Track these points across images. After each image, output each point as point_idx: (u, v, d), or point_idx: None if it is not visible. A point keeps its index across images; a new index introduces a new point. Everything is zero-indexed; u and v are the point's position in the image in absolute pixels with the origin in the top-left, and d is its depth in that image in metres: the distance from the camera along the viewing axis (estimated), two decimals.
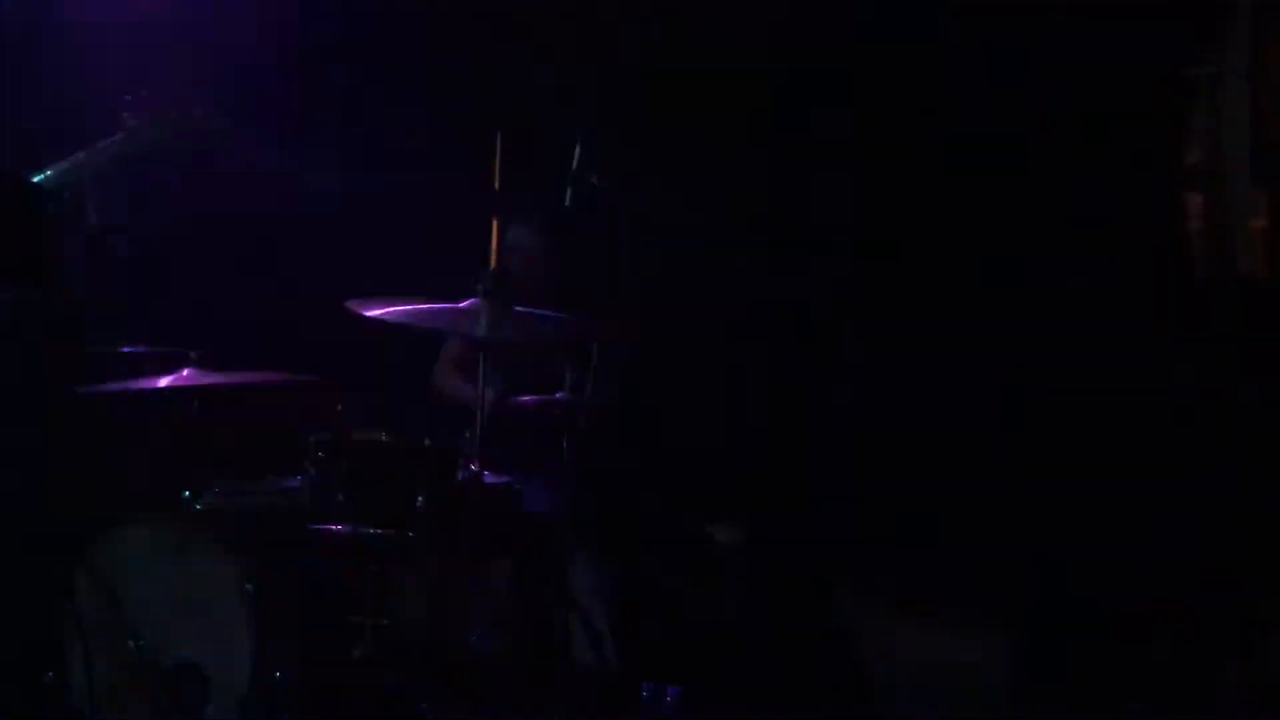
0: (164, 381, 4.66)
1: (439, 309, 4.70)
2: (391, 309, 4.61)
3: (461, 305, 4.73)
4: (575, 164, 4.58)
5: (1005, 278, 5.14)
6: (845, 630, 5.18)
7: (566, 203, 4.60)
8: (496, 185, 4.68)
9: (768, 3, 5.46)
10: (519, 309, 4.73)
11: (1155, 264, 4.97)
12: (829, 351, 5.41)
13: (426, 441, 4.66)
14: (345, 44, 5.75)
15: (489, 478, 4.66)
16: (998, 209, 5.16)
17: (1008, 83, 5.14)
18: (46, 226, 3.69)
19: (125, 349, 4.92)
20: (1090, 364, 4.97)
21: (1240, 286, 4.95)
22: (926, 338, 5.27)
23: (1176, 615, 4.74)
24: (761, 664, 5.13)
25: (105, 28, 5.41)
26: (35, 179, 4.48)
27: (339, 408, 4.68)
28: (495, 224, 4.74)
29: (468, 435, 4.66)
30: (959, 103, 5.24)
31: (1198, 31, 5.00)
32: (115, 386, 4.72)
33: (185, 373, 4.69)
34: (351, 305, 4.60)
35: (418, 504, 4.55)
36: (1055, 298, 5.05)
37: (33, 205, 3.64)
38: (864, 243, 5.39)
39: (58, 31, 5.44)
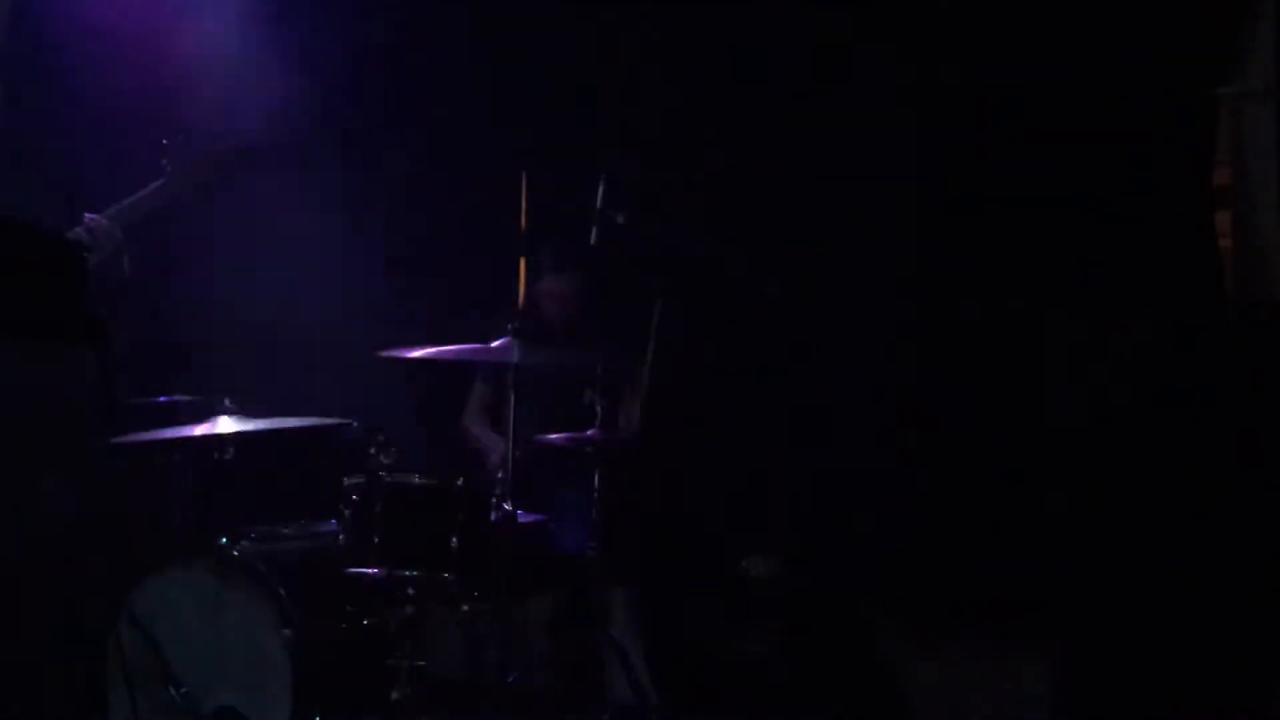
0: (199, 429, 4.70)
1: (470, 349, 4.74)
2: (424, 351, 4.66)
3: (492, 345, 4.76)
4: (599, 203, 4.60)
5: (1034, 302, 5.12)
6: (882, 659, 5.15)
7: (592, 241, 4.62)
8: (523, 225, 4.72)
9: (789, 40, 5.49)
10: (549, 345, 4.77)
11: (1184, 284, 4.94)
12: (858, 382, 5.40)
13: (460, 482, 4.69)
14: (370, 87, 5.80)
15: (523, 517, 4.68)
16: (1025, 234, 5.15)
17: (1036, 106, 5.14)
18: (90, 284, 3.75)
19: (160, 398, 4.96)
20: (1121, 385, 4.94)
21: (1271, 305, 4.92)
22: (956, 362, 5.26)
23: (1226, 635, 4.69)
24: (801, 698, 5.11)
25: (136, 78, 5.49)
26: (77, 233, 4.54)
27: (372, 451, 4.70)
28: (522, 264, 4.77)
29: (500, 475, 4.68)
30: (986, 128, 5.24)
31: (1222, 53, 4.98)
32: (151, 435, 4.76)
33: (220, 419, 4.73)
34: (385, 352, 4.65)
35: (452, 545, 4.56)
36: (1085, 320, 5.03)
37: (79, 265, 3.70)
38: (893, 268, 5.39)
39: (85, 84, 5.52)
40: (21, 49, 5.15)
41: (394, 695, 4.54)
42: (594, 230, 4.63)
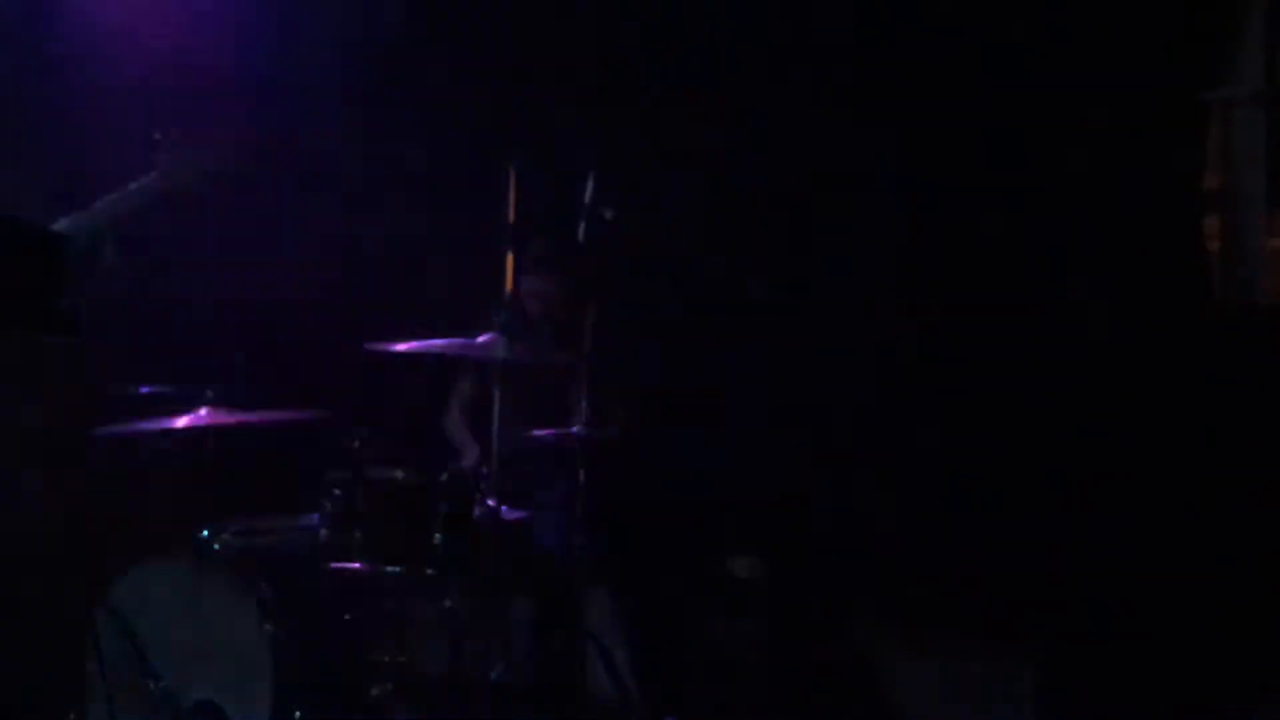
0: (181, 421, 4.67)
1: (455, 343, 4.73)
2: (409, 345, 4.64)
3: (478, 339, 4.75)
4: (588, 199, 4.59)
5: (1023, 304, 5.13)
6: (866, 659, 5.15)
7: (580, 238, 4.61)
8: (510, 219, 4.70)
9: (776, 37, 5.49)
10: (534, 341, 4.76)
11: (1173, 287, 4.96)
12: (843, 381, 5.40)
13: (443, 478, 4.67)
14: (360, 82, 5.78)
15: (506, 514, 4.67)
16: (1015, 236, 5.15)
17: (1026, 109, 5.14)
18: (69, 275, 3.73)
19: (142, 389, 4.93)
20: (1110, 387, 4.95)
21: (1259, 308, 4.94)
22: (942, 364, 5.26)
23: (1209, 636, 4.71)
24: (782, 695, 5.10)
25: (130, 68, 5.48)
26: (60, 224, 4.51)
27: (356, 445, 4.68)
28: (509, 259, 4.75)
29: (485, 471, 4.67)
30: (975, 131, 5.24)
31: (1213, 57, 5.00)
32: (132, 427, 4.72)
33: (202, 412, 4.70)
34: (371, 345, 4.63)
35: (435, 541, 4.55)
36: (1074, 323, 5.04)
37: (56, 255, 3.68)
38: (877, 271, 5.39)
39: (80, 74, 5.50)
40: (13, 40, 5.13)
41: (375, 691, 4.53)
42: (581, 227, 4.61)
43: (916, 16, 5.31)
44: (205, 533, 4.72)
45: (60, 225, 4.55)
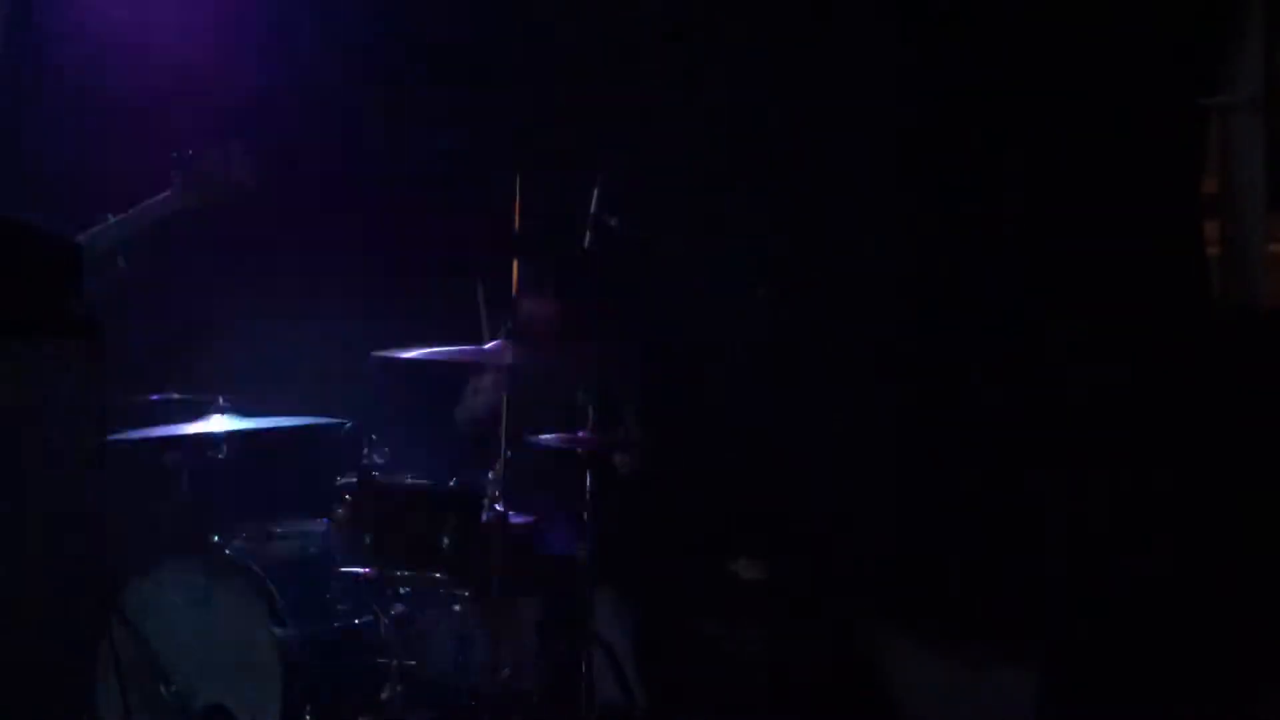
0: (193, 427, 4.72)
1: (464, 350, 4.78)
2: (418, 352, 4.69)
3: (486, 346, 4.80)
4: (594, 207, 4.63)
5: (1022, 307, 5.15)
6: (871, 663, 5.18)
7: (585, 245, 4.65)
8: (516, 227, 4.74)
9: (782, 44, 5.52)
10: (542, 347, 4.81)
11: (1172, 292, 4.98)
12: (844, 382, 5.43)
13: (451, 483, 4.72)
14: (365, 88, 5.82)
15: (513, 518, 4.71)
16: (1016, 241, 5.18)
17: (1024, 113, 5.16)
18: (83, 281, 3.78)
19: (154, 396, 4.99)
20: (1109, 391, 4.98)
21: (1259, 314, 4.96)
22: (942, 366, 5.28)
23: (1209, 640, 4.73)
24: (787, 701, 5.14)
25: (149, 86, 5.53)
26: (80, 237, 4.56)
27: (365, 451, 4.73)
28: (515, 266, 4.79)
29: (492, 476, 4.72)
30: (974, 138, 5.26)
31: (1211, 62, 5.02)
32: (145, 433, 4.78)
33: (213, 418, 4.75)
34: (378, 354, 4.68)
35: (443, 545, 4.60)
36: (1070, 327, 5.06)
37: (70, 261, 3.73)
38: (878, 274, 5.42)
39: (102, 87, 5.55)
40: (25, 49, 5.17)
41: (384, 694, 4.57)
42: (587, 235, 4.66)
43: (917, 18, 5.33)
44: (217, 538, 4.78)
45: (79, 239, 4.60)
